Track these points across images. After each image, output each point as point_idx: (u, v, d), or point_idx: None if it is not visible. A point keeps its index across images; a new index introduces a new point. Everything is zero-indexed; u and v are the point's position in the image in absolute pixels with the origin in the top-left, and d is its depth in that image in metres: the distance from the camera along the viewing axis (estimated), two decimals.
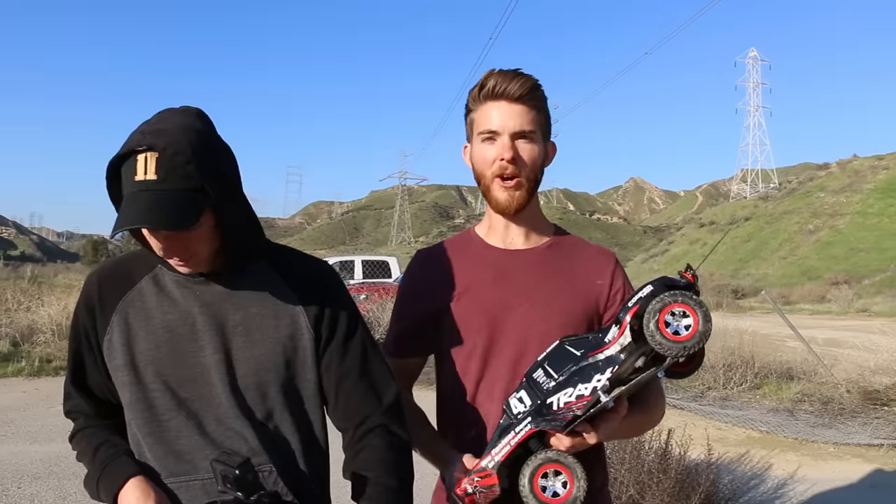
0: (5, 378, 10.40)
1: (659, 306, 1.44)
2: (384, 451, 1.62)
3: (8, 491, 5.52)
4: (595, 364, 1.52)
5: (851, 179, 70.84)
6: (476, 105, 1.86)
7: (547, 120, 1.88)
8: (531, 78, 1.82)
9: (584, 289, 1.88)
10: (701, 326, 1.43)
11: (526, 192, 1.83)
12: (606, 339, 1.53)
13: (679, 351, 1.43)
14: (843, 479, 6.32)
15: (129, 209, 1.45)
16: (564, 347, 1.61)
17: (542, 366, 1.62)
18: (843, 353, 10.69)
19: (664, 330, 1.43)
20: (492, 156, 1.81)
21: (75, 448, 1.70)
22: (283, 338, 1.64)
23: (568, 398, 1.51)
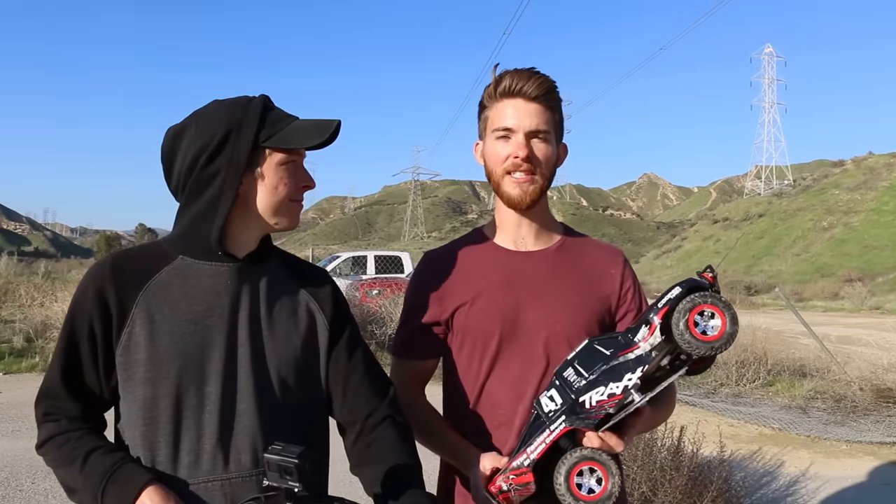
0: (19, 373, 10.46)
1: (689, 306, 1.46)
2: (398, 440, 1.65)
3: (22, 486, 5.56)
4: (626, 363, 1.53)
5: (866, 177, 70.29)
6: (491, 102, 1.86)
7: (561, 121, 1.89)
8: (548, 79, 1.83)
9: (595, 288, 1.89)
10: (728, 327, 1.46)
11: (539, 188, 1.84)
12: (636, 339, 1.54)
13: (707, 350, 1.45)
14: (855, 476, 6.29)
15: (313, 121, 1.63)
16: (594, 346, 1.62)
17: (572, 364, 1.63)
18: (856, 351, 10.64)
19: (693, 329, 1.45)
20: (505, 153, 1.82)
21: (52, 454, 1.54)
22: (302, 333, 1.67)
23: (600, 396, 1.52)
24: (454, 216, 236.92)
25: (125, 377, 1.55)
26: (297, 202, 1.66)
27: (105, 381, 1.56)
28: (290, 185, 1.62)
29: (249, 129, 1.56)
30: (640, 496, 4.36)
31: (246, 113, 1.58)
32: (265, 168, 1.60)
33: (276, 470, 1.30)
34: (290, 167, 1.61)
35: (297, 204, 1.66)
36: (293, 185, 1.63)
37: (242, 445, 1.55)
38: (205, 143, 1.57)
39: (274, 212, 1.62)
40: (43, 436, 1.56)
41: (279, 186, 1.60)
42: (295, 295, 1.70)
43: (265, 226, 1.64)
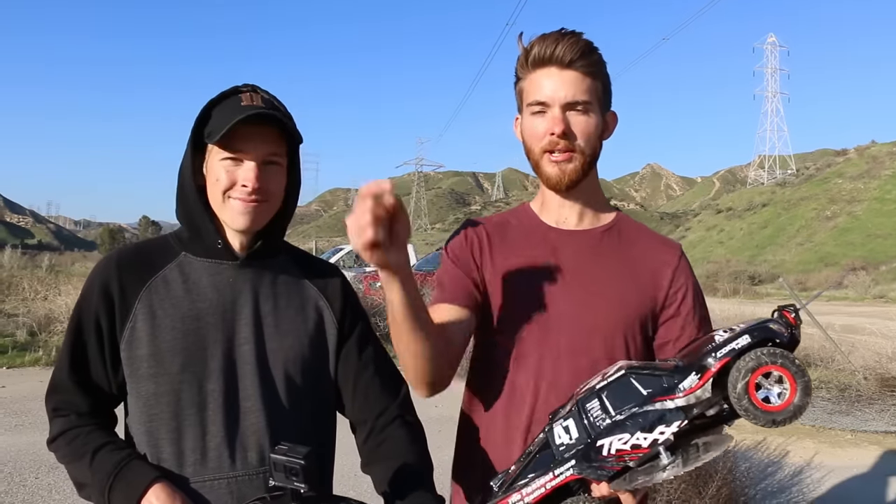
0: (23, 367, 10.43)
1: (752, 365, 1.24)
2: (409, 440, 1.64)
3: (26, 481, 5.55)
4: (662, 413, 1.29)
5: (869, 165, 70.18)
6: (524, 73, 1.69)
7: (605, 88, 1.69)
8: (582, 39, 1.64)
9: (642, 281, 1.70)
10: (798, 399, 1.23)
11: (580, 165, 1.66)
12: (682, 387, 1.30)
13: (766, 422, 1.24)
14: (860, 466, 6.29)
15: (243, 111, 1.51)
16: (629, 381, 1.36)
17: (599, 396, 1.37)
18: (860, 340, 10.62)
19: (753, 395, 1.23)
20: (542, 129, 1.64)
21: (62, 449, 1.54)
22: (309, 331, 1.65)
23: (622, 445, 1.30)
24: (457, 207, 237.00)
25: (129, 372, 1.54)
26: (238, 201, 1.54)
27: (112, 376, 1.56)
28: (223, 182, 1.53)
29: (197, 124, 1.56)
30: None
31: (204, 107, 1.56)
32: (209, 164, 1.57)
33: (282, 470, 1.28)
34: (228, 163, 1.53)
35: (238, 202, 1.54)
36: (227, 182, 1.53)
37: (249, 443, 1.54)
38: None
39: (218, 209, 1.58)
40: (54, 431, 1.56)
41: (213, 183, 1.55)
42: (303, 292, 1.68)
43: (224, 224, 1.61)
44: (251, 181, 1.52)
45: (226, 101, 1.55)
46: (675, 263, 1.73)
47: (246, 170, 1.53)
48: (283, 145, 1.59)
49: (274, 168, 1.57)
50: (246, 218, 1.55)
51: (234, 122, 1.47)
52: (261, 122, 1.51)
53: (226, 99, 1.56)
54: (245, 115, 1.48)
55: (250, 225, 1.56)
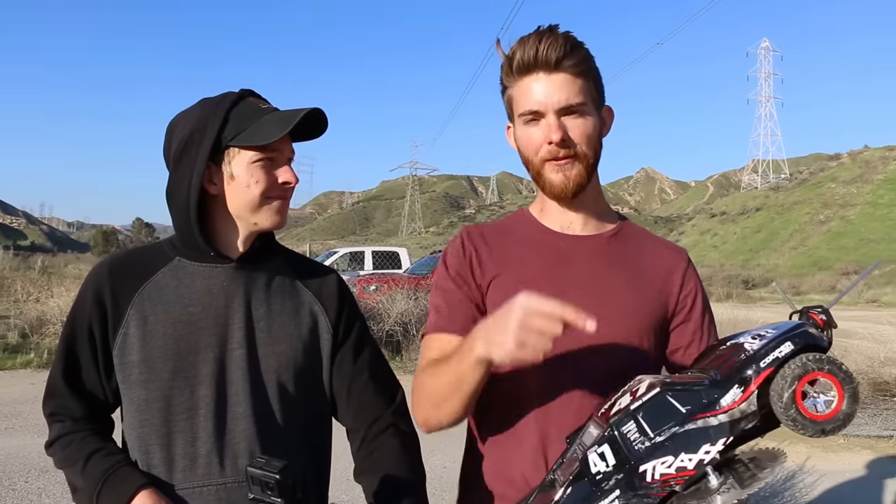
0: (14, 370, 10.39)
1: (799, 372, 1.17)
2: (401, 450, 1.63)
3: (15, 485, 5.52)
4: (705, 430, 1.22)
5: (862, 170, 70.45)
6: (510, 81, 1.59)
7: (597, 84, 1.60)
8: (567, 36, 1.53)
9: (654, 287, 1.62)
10: (846, 406, 1.17)
11: (584, 169, 1.57)
12: (724, 401, 1.22)
13: (814, 431, 1.18)
14: (853, 470, 6.30)
15: (282, 115, 1.53)
16: (666, 399, 1.26)
17: (634, 417, 1.27)
18: (852, 344, 10.61)
19: (800, 404, 1.16)
20: (538, 139, 1.55)
21: (58, 454, 1.55)
22: (303, 335, 1.63)
23: (666, 469, 1.22)
24: (452, 211, 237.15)
25: (122, 378, 1.55)
26: (277, 199, 1.58)
27: (106, 382, 1.56)
28: (263, 183, 1.54)
29: (212, 129, 1.52)
30: None
31: (213, 112, 1.54)
32: (235, 167, 1.54)
33: (258, 484, 1.27)
34: (264, 164, 1.54)
35: (277, 201, 1.58)
36: (267, 183, 1.55)
37: (239, 450, 1.53)
38: (177, 145, 1.55)
39: (251, 211, 1.56)
40: (51, 436, 1.57)
41: (251, 185, 1.54)
42: (298, 296, 1.67)
43: (247, 226, 1.59)
44: (293, 178, 1.58)
45: (241, 106, 1.56)
46: (684, 268, 1.67)
47: (285, 168, 1.57)
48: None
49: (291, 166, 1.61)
50: (281, 216, 1.59)
51: (298, 118, 1.51)
52: (307, 120, 1.55)
53: (236, 104, 1.55)
54: (304, 112, 1.52)
55: (283, 222, 1.61)
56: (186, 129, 1.55)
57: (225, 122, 1.53)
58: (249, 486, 1.28)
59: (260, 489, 1.27)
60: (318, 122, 1.60)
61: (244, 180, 1.54)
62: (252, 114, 1.53)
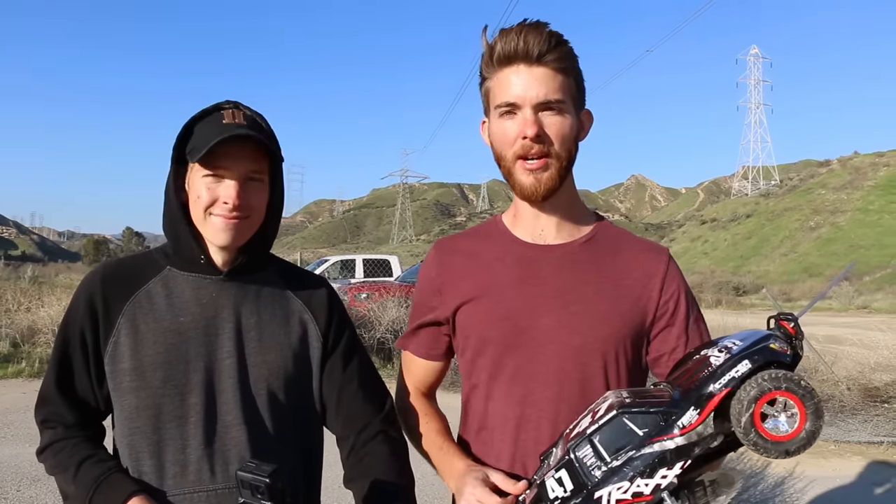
0: (5, 379, 10.34)
1: (755, 394, 1.13)
2: (390, 456, 1.63)
3: (7, 494, 5.49)
4: (662, 455, 1.19)
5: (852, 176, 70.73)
6: (490, 72, 1.56)
7: (578, 84, 1.56)
8: (549, 30, 1.49)
9: (629, 293, 1.57)
10: (809, 424, 1.13)
11: (556, 172, 1.53)
12: (681, 423, 1.19)
13: (778, 453, 1.14)
14: (844, 476, 6.30)
15: (225, 130, 1.51)
16: (623, 421, 1.24)
17: (590, 441, 1.26)
18: (843, 351, 10.65)
19: (759, 426, 1.13)
20: (513, 133, 1.51)
21: (49, 461, 1.56)
22: (293, 344, 1.64)
23: (622, 494, 1.19)
24: (443, 219, 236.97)
25: (113, 386, 1.56)
26: (220, 217, 1.54)
27: (98, 390, 1.57)
28: (204, 200, 1.54)
29: (177, 141, 1.56)
30: None
31: (186, 124, 1.57)
32: (190, 180, 1.57)
33: (248, 488, 1.28)
34: (210, 180, 1.54)
35: (219, 219, 1.54)
36: (208, 199, 1.54)
37: (230, 456, 1.54)
38: None
39: (200, 225, 1.58)
40: (42, 442, 1.58)
41: (195, 200, 1.56)
42: (288, 305, 1.68)
43: (207, 241, 1.61)
44: (232, 198, 1.53)
45: (207, 119, 1.56)
46: (664, 270, 1.60)
47: (227, 187, 1.54)
48: (265, 161, 1.59)
49: (255, 185, 1.58)
50: (227, 234, 1.55)
51: (213, 143, 1.48)
52: (241, 139, 1.52)
53: (207, 116, 1.56)
54: (223, 136, 1.49)
55: (232, 241, 1.57)
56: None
57: (189, 135, 1.55)
58: (240, 489, 1.29)
59: (250, 493, 1.28)
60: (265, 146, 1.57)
61: (193, 195, 1.56)
62: (212, 129, 1.53)
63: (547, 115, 1.50)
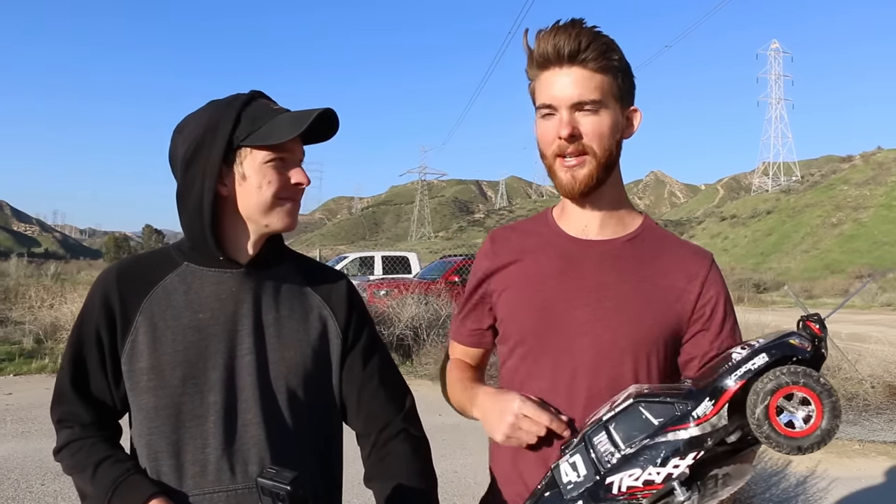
0: (29, 374, 10.47)
1: (771, 387, 1.13)
2: (412, 455, 1.62)
3: (32, 487, 5.56)
4: (675, 444, 1.20)
5: (875, 172, 69.97)
6: (533, 74, 1.60)
7: (623, 81, 1.57)
8: (586, 30, 1.51)
9: (667, 294, 1.57)
10: (825, 422, 1.13)
11: (593, 169, 1.55)
12: (696, 414, 1.20)
13: (790, 449, 1.13)
14: (868, 476, 6.24)
15: (297, 115, 1.52)
16: (639, 410, 1.26)
17: (606, 428, 1.28)
18: (867, 348, 10.55)
19: (774, 419, 1.13)
20: (551, 134, 1.55)
21: (66, 460, 1.54)
22: (312, 340, 1.62)
23: (633, 481, 1.21)
24: (461, 216, 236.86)
25: (130, 385, 1.53)
26: (288, 201, 1.56)
27: (114, 389, 1.55)
28: (275, 184, 1.53)
29: (224, 129, 1.51)
30: None
31: (225, 112, 1.53)
32: (246, 167, 1.53)
33: (269, 495, 1.26)
34: (276, 164, 1.53)
35: (289, 203, 1.57)
36: (280, 184, 1.53)
37: (249, 456, 1.52)
38: (188, 147, 1.53)
39: (262, 213, 1.55)
40: (59, 442, 1.56)
41: (263, 186, 1.52)
42: (307, 301, 1.65)
43: (258, 228, 1.57)
44: (305, 179, 1.57)
45: (253, 106, 1.54)
46: (705, 275, 1.59)
47: (297, 170, 1.56)
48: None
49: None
50: (293, 218, 1.58)
51: (312, 118, 1.50)
52: (319, 121, 1.54)
53: (248, 105, 1.54)
54: (317, 112, 1.51)
55: (294, 224, 1.60)
56: (198, 130, 1.53)
57: (237, 122, 1.51)
58: (260, 496, 1.27)
59: (271, 500, 1.26)
60: (330, 123, 1.59)
61: (256, 181, 1.53)
62: (264, 114, 1.52)
63: (582, 115, 1.53)
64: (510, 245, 1.72)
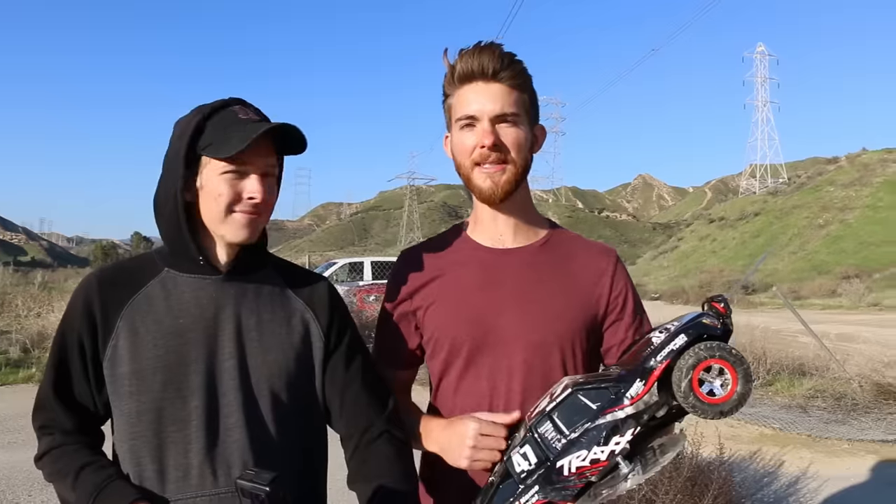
0: (16, 384, 10.41)
1: (692, 362, 1.28)
2: (394, 457, 1.62)
3: (19, 498, 5.53)
4: (613, 424, 1.32)
5: (861, 173, 70.40)
6: (451, 90, 1.70)
7: (532, 100, 1.71)
8: (504, 50, 1.65)
9: (582, 293, 1.71)
10: (740, 387, 1.28)
11: (512, 176, 1.67)
12: (629, 395, 1.33)
13: (714, 414, 1.28)
14: (858, 475, 6.26)
15: (250, 126, 1.50)
16: (577, 397, 1.38)
17: (550, 417, 1.39)
18: (855, 348, 10.63)
19: (697, 390, 1.27)
20: (471, 143, 1.65)
21: (48, 468, 1.55)
22: (294, 343, 1.63)
23: (581, 462, 1.32)
24: (450, 220, 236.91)
25: (112, 390, 1.53)
26: (242, 213, 1.55)
27: (97, 395, 1.55)
28: (227, 196, 1.53)
29: (185, 137, 1.52)
30: (641, 498, 4.33)
31: (191, 120, 1.54)
32: (205, 177, 1.54)
33: (249, 496, 1.27)
34: (231, 176, 1.53)
35: (242, 216, 1.55)
36: (231, 196, 1.53)
37: (232, 460, 1.52)
38: (165, 152, 1.57)
39: (218, 223, 1.56)
40: (40, 449, 1.56)
41: (216, 197, 1.53)
42: (289, 304, 1.66)
43: (219, 237, 1.58)
44: (259, 193, 1.54)
45: (219, 115, 1.54)
46: (613, 270, 1.75)
47: (252, 182, 1.54)
48: (275, 157, 1.59)
49: (270, 180, 1.58)
50: (248, 230, 1.56)
51: (254, 136, 1.47)
52: (267, 134, 1.51)
53: (216, 112, 1.54)
54: (264, 128, 1.49)
55: (250, 236, 1.57)
56: (173, 136, 1.56)
57: (200, 132, 1.53)
58: (240, 498, 1.28)
59: (250, 502, 1.27)
60: (297, 137, 1.58)
61: (212, 191, 1.54)
62: (228, 124, 1.52)
63: (503, 126, 1.64)
64: (426, 263, 1.78)
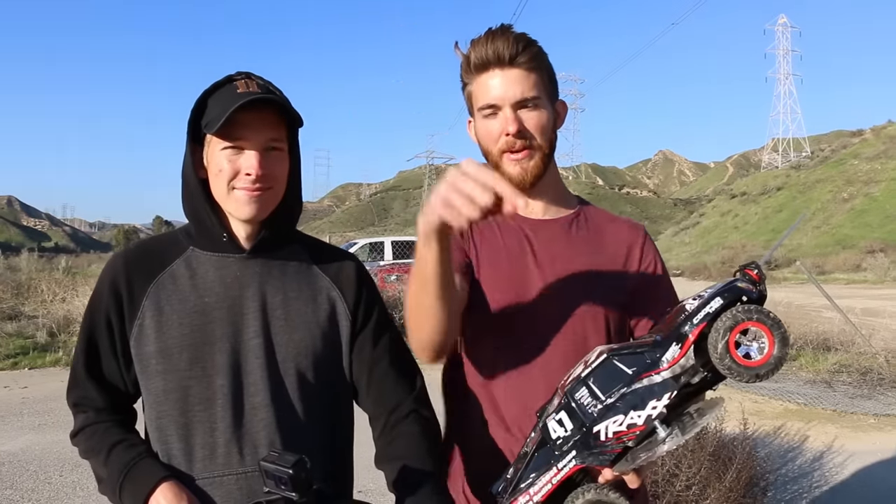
0: (44, 368, 10.57)
1: (729, 324, 1.25)
2: (420, 437, 1.61)
3: (51, 479, 5.62)
4: (650, 388, 1.30)
5: (886, 146, 69.39)
6: (470, 78, 1.71)
7: (551, 77, 1.71)
8: (516, 34, 1.64)
9: (612, 263, 1.73)
10: (777, 350, 1.24)
11: (540, 160, 1.68)
12: (665, 359, 1.31)
13: (750, 377, 1.25)
14: (884, 450, 6.23)
15: (240, 98, 1.48)
16: (613, 363, 1.36)
17: (585, 384, 1.37)
18: (880, 323, 10.54)
19: (734, 352, 1.24)
20: (496, 131, 1.66)
21: (82, 445, 1.57)
22: (321, 321, 1.62)
23: (618, 427, 1.31)
24: None
25: (140, 369, 1.55)
26: (242, 190, 1.53)
27: (126, 373, 1.57)
28: (226, 173, 1.51)
29: (192, 116, 1.54)
30: (665, 473, 4.34)
31: (200, 97, 1.55)
32: (209, 154, 1.55)
33: (272, 478, 1.27)
34: (230, 152, 1.51)
35: (243, 192, 1.52)
36: (230, 172, 1.51)
37: (259, 439, 1.53)
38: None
39: (223, 200, 1.55)
40: (75, 427, 1.59)
41: (218, 173, 1.53)
42: (315, 282, 1.65)
43: (230, 214, 1.59)
44: (254, 169, 1.50)
45: (220, 90, 1.53)
46: (642, 242, 1.79)
47: (248, 158, 1.51)
48: (283, 129, 1.57)
49: (276, 154, 1.56)
50: (252, 207, 1.54)
51: (231, 110, 1.45)
52: (259, 107, 1.49)
53: (219, 88, 1.54)
54: (241, 101, 1.46)
55: (256, 214, 1.55)
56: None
57: (204, 108, 1.53)
58: (263, 479, 1.29)
59: (274, 483, 1.27)
60: (288, 110, 1.55)
61: (214, 168, 1.54)
62: (226, 100, 1.50)
63: (525, 111, 1.65)
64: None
